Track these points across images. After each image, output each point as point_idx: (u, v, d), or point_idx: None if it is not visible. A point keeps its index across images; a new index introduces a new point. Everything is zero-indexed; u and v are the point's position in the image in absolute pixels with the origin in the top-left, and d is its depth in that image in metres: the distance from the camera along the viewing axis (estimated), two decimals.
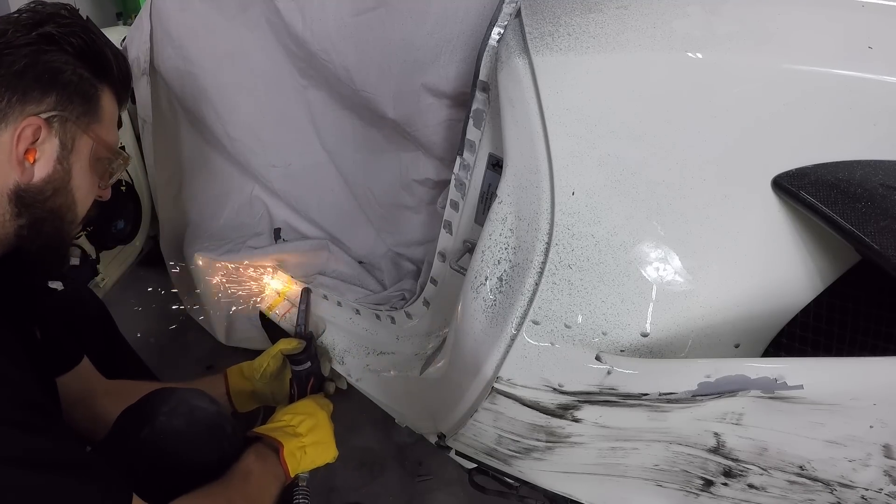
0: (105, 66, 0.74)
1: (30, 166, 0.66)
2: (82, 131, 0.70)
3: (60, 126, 0.68)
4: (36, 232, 0.69)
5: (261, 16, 1.08)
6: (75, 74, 0.69)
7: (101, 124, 0.74)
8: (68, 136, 0.69)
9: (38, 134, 0.66)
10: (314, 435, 0.92)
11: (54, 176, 0.68)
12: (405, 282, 1.18)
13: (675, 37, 0.59)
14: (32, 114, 0.65)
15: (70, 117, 0.69)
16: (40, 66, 0.66)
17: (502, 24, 0.72)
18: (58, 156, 0.68)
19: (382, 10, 0.90)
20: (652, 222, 0.59)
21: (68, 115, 0.69)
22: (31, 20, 0.68)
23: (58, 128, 0.68)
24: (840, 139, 0.56)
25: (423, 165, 1.07)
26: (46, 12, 0.70)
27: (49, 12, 0.71)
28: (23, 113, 0.65)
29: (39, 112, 0.66)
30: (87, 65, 0.71)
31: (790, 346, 0.62)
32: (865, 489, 0.56)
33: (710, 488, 0.63)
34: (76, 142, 0.70)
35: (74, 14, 0.75)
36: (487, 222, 0.66)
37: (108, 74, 0.75)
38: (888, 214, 0.52)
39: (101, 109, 0.74)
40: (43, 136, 0.66)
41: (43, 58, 0.67)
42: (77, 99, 0.69)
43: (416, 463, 1.35)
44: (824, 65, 0.56)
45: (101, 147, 0.74)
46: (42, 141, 0.66)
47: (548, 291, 0.59)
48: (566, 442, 0.64)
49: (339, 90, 1.06)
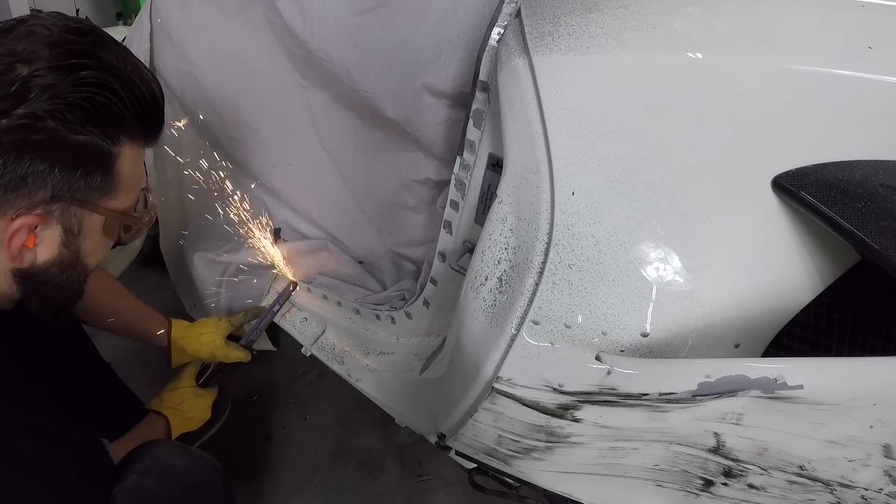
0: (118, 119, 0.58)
1: (29, 252, 0.58)
2: (92, 210, 0.60)
3: (62, 213, 0.58)
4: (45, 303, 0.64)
5: (261, 16, 1.08)
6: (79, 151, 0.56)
7: (116, 193, 0.62)
8: (73, 220, 0.60)
9: (34, 227, 0.57)
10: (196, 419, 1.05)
11: (61, 258, 0.61)
12: (405, 282, 1.18)
13: (675, 37, 0.59)
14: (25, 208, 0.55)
15: (74, 201, 0.58)
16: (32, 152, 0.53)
17: (502, 24, 0.72)
18: (62, 241, 0.60)
19: (382, 10, 0.90)
20: (652, 222, 0.59)
21: (73, 199, 0.58)
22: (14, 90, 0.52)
23: (59, 216, 0.58)
24: (840, 139, 0.56)
25: (423, 165, 1.07)
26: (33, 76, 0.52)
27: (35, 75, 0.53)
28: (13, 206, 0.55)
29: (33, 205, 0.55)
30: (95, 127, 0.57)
31: (790, 346, 0.62)
32: (865, 489, 0.56)
33: (710, 488, 0.63)
34: (84, 222, 0.61)
35: (74, 52, 0.56)
36: (487, 222, 0.66)
37: (125, 125, 0.60)
38: (888, 214, 0.52)
39: (117, 176, 0.61)
40: (40, 227, 0.58)
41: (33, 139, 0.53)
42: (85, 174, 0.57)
43: (416, 463, 1.35)
44: (824, 65, 0.56)
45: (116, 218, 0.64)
46: (42, 230, 0.58)
47: (548, 291, 0.59)
48: (566, 442, 0.64)
49: (339, 90, 1.06)
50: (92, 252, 0.65)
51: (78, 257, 0.63)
